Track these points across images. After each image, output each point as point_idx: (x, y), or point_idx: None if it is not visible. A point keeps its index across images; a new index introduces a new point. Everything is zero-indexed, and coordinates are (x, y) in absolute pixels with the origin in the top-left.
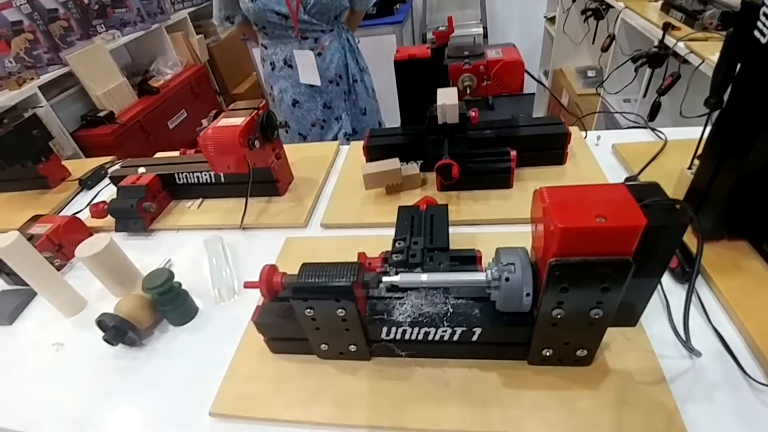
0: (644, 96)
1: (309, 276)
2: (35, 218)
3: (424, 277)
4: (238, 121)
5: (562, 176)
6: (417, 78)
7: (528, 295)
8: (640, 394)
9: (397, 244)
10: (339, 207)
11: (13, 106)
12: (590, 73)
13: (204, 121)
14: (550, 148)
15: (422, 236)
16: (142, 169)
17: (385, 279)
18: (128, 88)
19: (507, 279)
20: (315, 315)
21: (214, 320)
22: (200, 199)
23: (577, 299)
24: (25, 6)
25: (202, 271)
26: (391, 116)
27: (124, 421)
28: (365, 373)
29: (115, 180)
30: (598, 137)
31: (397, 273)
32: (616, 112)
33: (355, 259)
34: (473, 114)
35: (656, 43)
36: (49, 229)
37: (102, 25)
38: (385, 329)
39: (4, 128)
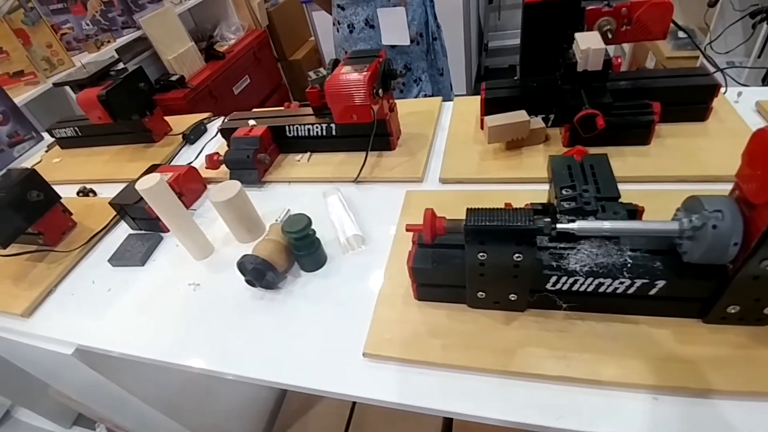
0: (759, 57)
1: (481, 220)
2: (153, 168)
3: (606, 224)
4: (362, 68)
5: (707, 133)
6: (548, 23)
7: (735, 245)
8: None
9: (563, 192)
10: (456, 162)
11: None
12: (681, 34)
13: (311, 73)
14: (693, 102)
15: (587, 186)
16: (252, 122)
17: (559, 226)
18: (196, 53)
19: (714, 227)
20: (487, 260)
21: (345, 267)
22: (308, 153)
23: None
24: None
25: (322, 221)
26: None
27: (274, 357)
28: (521, 324)
29: (225, 133)
30: (739, 93)
31: (569, 221)
32: (750, 67)
33: None
34: (619, 61)
35: None
36: (171, 177)
37: None
38: (554, 278)
39: (113, 80)
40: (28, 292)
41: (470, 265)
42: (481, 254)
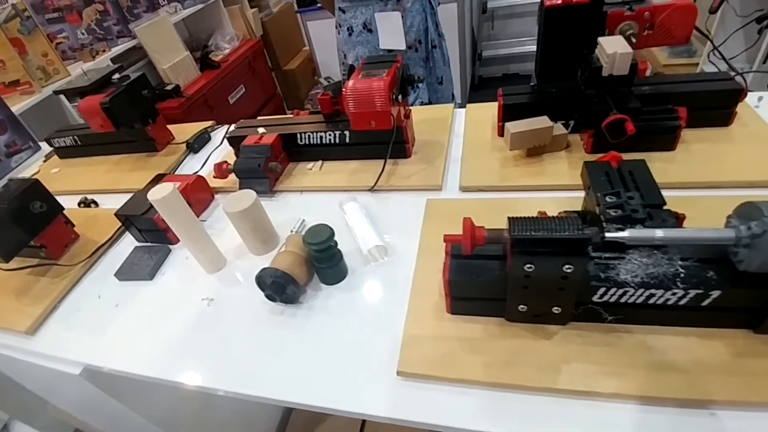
0: (764, 62)
1: (527, 229)
2: (159, 177)
3: (659, 232)
4: (381, 74)
5: (732, 139)
6: (569, 27)
7: None
8: None
9: (607, 199)
10: (476, 169)
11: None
12: None
13: (322, 80)
14: (717, 107)
15: (631, 192)
16: (261, 129)
17: (608, 234)
18: (192, 62)
19: None
20: (534, 272)
21: (367, 280)
22: (320, 161)
23: None
24: None
25: (339, 231)
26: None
27: (301, 377)
28: (563, 338)
29: (233, 141)
30: (760, 98)
31: (617, 230)
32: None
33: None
34: (643, 66)
35: None
36: (179, 187)
37: None
38: (602, 290)
39: (116, 87)
40: (31, 308)
41: (514, 277)
42: (528, 266)
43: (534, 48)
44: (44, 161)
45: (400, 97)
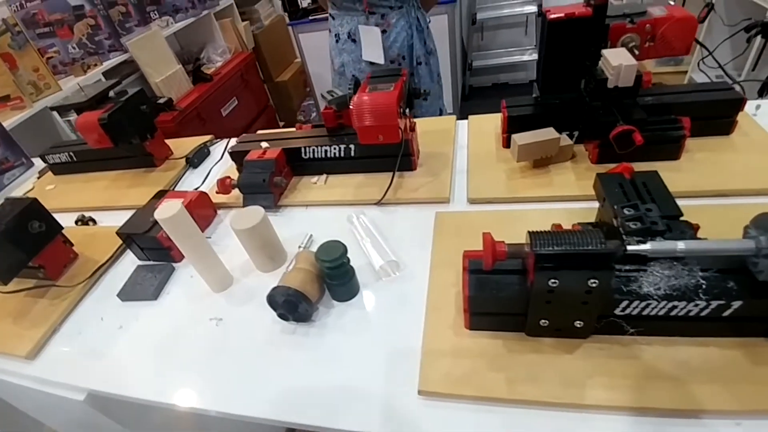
0: (753, 69)
1: (549, 244)
2: (160, 194)
3: (681, 245)
4: (388, 87)
5: (734, 147)
6: (572, 40)
7: None
8: None
9: (625, 211)
10: (483, 181)
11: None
12: None
13: (325, 94)
14: (717, 116)
15: (649, 204)
16: (265, 144)
17: (630, 247)
18: (184, 75)
19: None
20: (558, 287)
21: (379, 296)
22: (325, 175)
23: None
24: None
25: (349, 246)
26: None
27: (320, 398)
28: (585, 352)
29: (236, 156)
30: (757, 106)
31: (638, 242)
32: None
33: (524, 234)
34: (647, 77)
35: None
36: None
37: (155, 12)
38: (625, 303)
39: (114, 102)
40: (31, 332)
41: (537, 292)
42: (553, 281)
43: (522, 58)
44: (38, 178)
45: (407, 110)
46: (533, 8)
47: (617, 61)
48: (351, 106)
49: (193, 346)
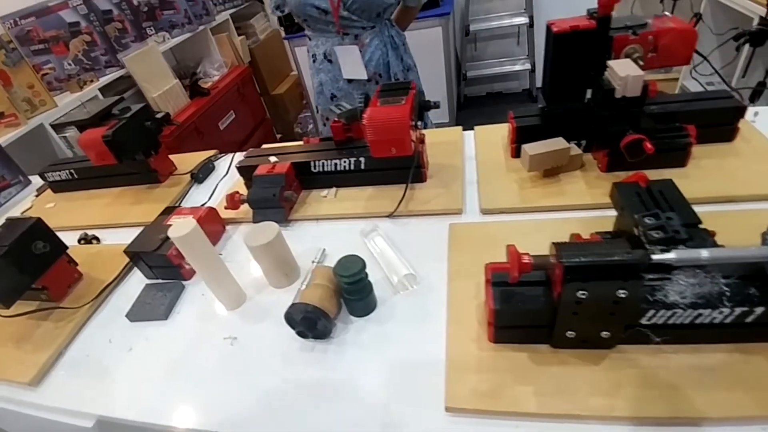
0: (743, 76)
1: (576, 255)
2: (168, 210)
3: (705, 253)
4: (399, 101)
5: (738, 153)
6: (577, 52)
7: None
8: None
9: (647, 221)
10: (495, 191)
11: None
12: None
13: (333, 108)
14: (720, 123)
15: (669, 213)
16: (273, 158)
17: (654, 257)
18: (181, 90)
19: None
20: (587, 298)
21: (398, 310)
22: (334, 188)
23: None
24: (81, 7)
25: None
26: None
27: (346, 416)
28: (612, 363)
29: (244, 171)
30: (756, 113)
31: (662, 251)
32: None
33: (541, 244)
34: (653, 87)
35: (757, 20)
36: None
37: (152, 28)
38: (651, 312)
39: (117, 119)
40: (34, 357)
41: (565, 303)
42: (582, 292)
43: (515, 67)
44: (36, 196)
45: (418, 123)
46: (524, 20)
47: (624, 71)
48: (364, 121)
49: (208, 367)
